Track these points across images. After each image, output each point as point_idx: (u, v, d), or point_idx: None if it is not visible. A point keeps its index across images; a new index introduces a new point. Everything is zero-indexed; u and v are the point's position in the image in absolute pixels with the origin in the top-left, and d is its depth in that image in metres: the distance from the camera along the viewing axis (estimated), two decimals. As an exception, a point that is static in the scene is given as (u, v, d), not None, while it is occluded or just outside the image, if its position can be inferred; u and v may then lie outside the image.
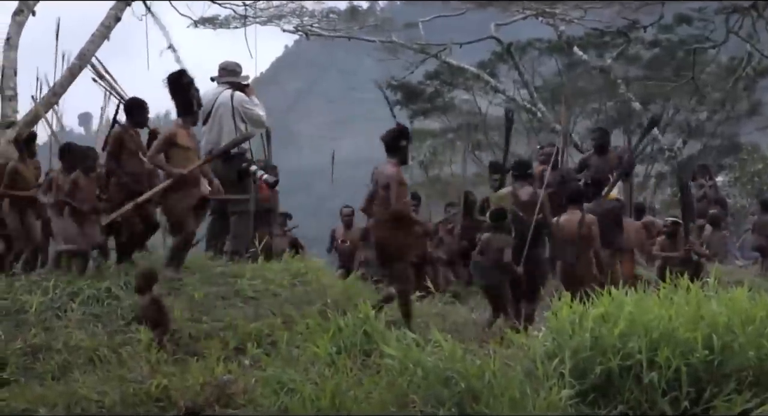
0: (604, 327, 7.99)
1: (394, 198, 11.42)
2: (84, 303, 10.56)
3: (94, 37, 19.55)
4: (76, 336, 9.72)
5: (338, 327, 9.21)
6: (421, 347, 8.18)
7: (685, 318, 8.01)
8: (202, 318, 10.34)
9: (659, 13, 32.93)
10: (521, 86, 36.76)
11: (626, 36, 34.68)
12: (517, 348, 8.65)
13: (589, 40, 36.18)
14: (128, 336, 9.82)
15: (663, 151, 33.84)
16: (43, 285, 10.82)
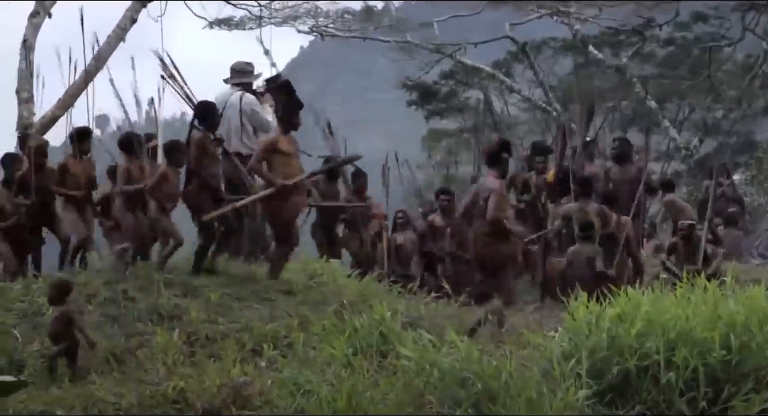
0: (621, 327, 7.97)
1: (494, 209, 11.69)
2: (101, 306, 10.57)
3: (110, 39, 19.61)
4: (93, 337, 9.73)
5: (354, 328, 9.20)
6: (438, 348, 8.17)
7: (703, 317, 7.99)
8: (218, 320, 10.34)
9: (675, 11, 32.91)
10: (536, 85, 36.71)
11: (641, 34, 34.65)
12: (533, 348, 8.63)
13: (604, 39, 36.13)
14: (145, 338, 9.83)
15: (679, 149, 33.76)
16: (60, 288, 10.84)
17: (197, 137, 12.43)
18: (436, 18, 37.00)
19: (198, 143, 12.40)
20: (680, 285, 8.84)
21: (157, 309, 10.46)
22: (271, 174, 11.99)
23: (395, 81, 38.59)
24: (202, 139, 12.42)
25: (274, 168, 12.01)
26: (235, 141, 13.95)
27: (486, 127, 33.24)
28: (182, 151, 12.47)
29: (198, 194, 12.25)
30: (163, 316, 10.36)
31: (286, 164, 12.07)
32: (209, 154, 12.50)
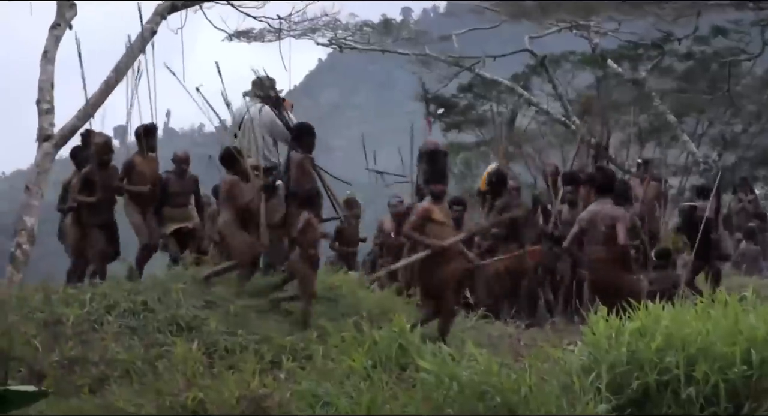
0: (641, 342, 7.96)
1: (626, 236, 11.79)
2: (120, 316, 10.60)
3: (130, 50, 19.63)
4: (113, 348, 9.76)
5: (373, 341, 9.21)
6: (457, 361, 8.17)
7: (723, 332, 7.97)
8: (237, 332, 10.36)
9: (694, 25, 32.84)
10: (555, 99, 36.68)
11: (660, 48, 34.59)
12: (553, 362, 8.62)
13: (623, 53, 36.07)
14: (164, 349, 9.85)
15: (698, 163, 33.67)
16: (80, 298, 10.87)
17: (297, 158, 12.41)
18: (455, 31, 37.03)
19: (298, 164, 12.39)
20: (700, 300, 8.82)
21: (177, 320, 10.49)
22: (427, 238, 11.85)
23: (413, 93, 38.63)
24: (302, 161, 12.42)
25: (428, 236, 11.87)
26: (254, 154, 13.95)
27: (505, 140, 33.25)
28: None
29: (296, 214, 12.25)
30: (183, 327, 10.39)
31: (440, 232, 11.77)
32: (308, 176, 12.50)
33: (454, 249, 11.67)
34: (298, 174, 12.18)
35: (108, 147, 14.57)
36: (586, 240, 12.97)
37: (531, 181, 29.36)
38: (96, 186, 14.19)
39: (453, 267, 11.56)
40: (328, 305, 11.72)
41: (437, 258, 11.43)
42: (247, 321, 10.74)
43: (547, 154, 21.38)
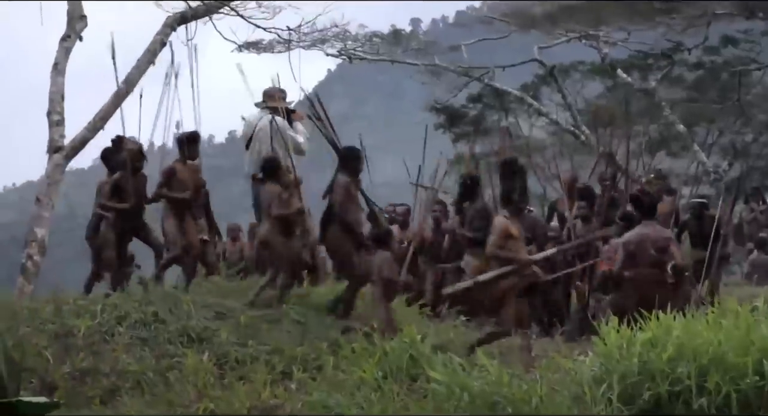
0: (653, 352, 7.94)
1: (681, 258, 11.92)
2: (131, 327, 10.62)
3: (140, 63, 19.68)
4: (124, 360, 9.77)
5: (384, 352, 9.20)
6: (468, 371, 8.16)
7: (735, 343, 7.94)
8: (248, 342, 10.37)
9: (704, 35, 32.84)
10: (564, 109, 36.68)
11: (670, 58, 34.58)
12: (564, 373, 8.60)
13: (632, 63, 36.06)
14: (175, 360, 9.86)
15: (708, 172, 33.62)
16: (91, 309, 10.89)
17: (343, 182, 12.44)
18: (465, 41, 37.06)
19: (345, 187, 12.42)
20: (712, 310, 8.80)
21: (188, 331, 10.50)
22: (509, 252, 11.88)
23: (423, 104, 38.65)
24: (348, 184, 12.44)
25: (505, 250, 11.88)
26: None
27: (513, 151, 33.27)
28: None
29: (340, 238, 12.30)
30: (194, 338, 10.40)
31: (515, 247, 11.88)
32: (353, 200, 12.52)
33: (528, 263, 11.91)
34: (344, 198, 12.21)
35: (140, 153, 14.55)
36: (632, 262, 12.94)
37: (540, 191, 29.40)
38: (126, 192, 14.14)
39: (521, 279, 11.77)
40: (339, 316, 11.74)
41: (512, 273, 11.60)
42: (257, 332, 10.75)
43: (557, 163, 21.32)
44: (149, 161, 14.82)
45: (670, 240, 12.66)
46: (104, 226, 14.53)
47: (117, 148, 14.71)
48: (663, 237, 12.55)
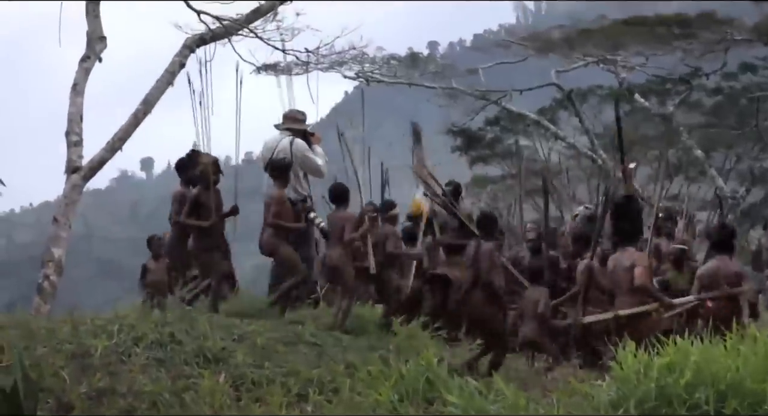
0: (670, 377, 7.90)
1: (753, 294, 12.67)
2: (148, 348, 10.59)
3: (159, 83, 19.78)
4: (140, 380, 9.76)
5: (400, 374, 9.17)
6: (484, 395, 8.13)
7: (754, 369, 7.90)
8: (264, 364, 10.34)
9: (722, 60, 32.87)
10: (581, 133, 36.72)
11: (688, 83, 34.62)
12: (581, 397, 8.57)
13: (650, 87, 36.14)
14: (191, 381, 9.84)
15: (726, 198, 33.59)
16: (108, 330, 10.89)
17: (487, 247, 12.49)
18: (482, 64, 37.18)
19: (489, 253, 12.52)
20: (730, 336, 8.77)
21: (204, 352, 10.48)
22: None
23: (440, 127, 38.75)
24: (492, 249, 12.47)
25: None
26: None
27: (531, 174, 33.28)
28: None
29: (486, 304, 12.43)
30: (210, 359, 10.37)
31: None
32: (498, 265, 12.67)
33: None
34: (490, 263, 12.33)
35: (217, 167, 14.12)
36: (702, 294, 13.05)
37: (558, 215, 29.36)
38: (206, 208, 13.46)
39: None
40: (355, 337, 11.73)
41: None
42: (274, 354, 10.73)
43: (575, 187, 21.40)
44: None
45: (743, 276, 12.72)
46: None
47: (192, 162, 14.12)
48: (736, 272, 12.64)
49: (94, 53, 19.36)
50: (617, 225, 12.72)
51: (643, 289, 12.13)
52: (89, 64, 19.30)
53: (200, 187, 13.50)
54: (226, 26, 20.53)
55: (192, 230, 13.53)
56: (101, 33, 19.49)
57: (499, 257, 12.78)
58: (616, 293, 12.42)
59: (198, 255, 13.51)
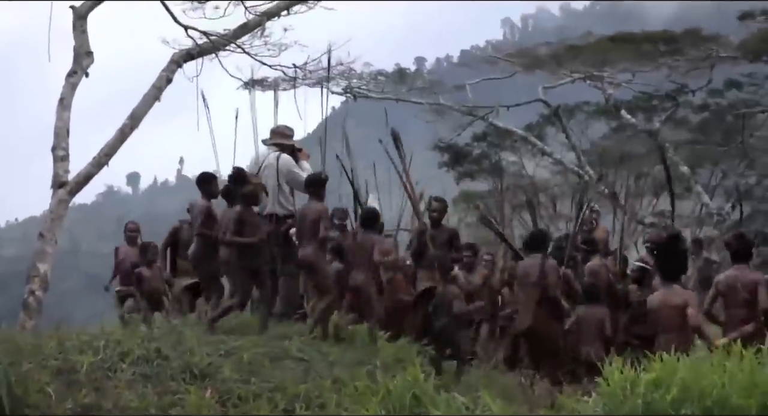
0: (657, 393, 7.91)
1: (766, 301, 12.48)
2: (134, 364, 10.58)
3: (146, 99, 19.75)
4: (126, 396, 9.74)
5: (387, 390, 9.17)
6: (471, 410, 8.14)
7: (739, 385, 7.92)
8: (251, 380, 10.33)
9: (708, 77, 32.99)
10: (568, 149, 36.78)
11: (675, 100, 34.71)
12: (567, 413, 8.58)
13: (637, 104, 36.22)
14: (177, 396, 9.82)
15: (711, 215, 33.66)
16: (94, 345, 10.87)
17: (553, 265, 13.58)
18: (469, 80, 37.24)
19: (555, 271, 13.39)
20: (716, 352, 8.79)
21: (190, 367, 10.47)
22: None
23: (427, 142, 38.79)
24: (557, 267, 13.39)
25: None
26: (272, 201, 14.06)
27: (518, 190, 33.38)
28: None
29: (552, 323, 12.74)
30: (196, 375, 10.36)
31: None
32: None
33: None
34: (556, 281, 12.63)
35: (264, 188, 14.13)
36: (722, 303, 13.14)
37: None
38: (250, 227, 13.46)
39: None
40: (342, 353, 11.73)
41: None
42: (260, 369, 10.72)
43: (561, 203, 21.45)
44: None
45: (759, 283, 12.78)
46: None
47: (238, 181, 13.95)
48: (753, 280, 12.71)
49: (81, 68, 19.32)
50: (663, 264, 12.94)
51: (697, 330, 12.35)
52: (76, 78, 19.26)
53: (244, 206, 13.47)
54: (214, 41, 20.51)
55: (238, 248, 13.43)
56: (88, 48, 19.45)
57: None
58: (660, 330, 12.61)
59: (240, 272, 13.42)
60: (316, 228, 13.00)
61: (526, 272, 13.96)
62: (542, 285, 13.41)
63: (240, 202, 13.45)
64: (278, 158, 14.27)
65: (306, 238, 13.23)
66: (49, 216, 18.00)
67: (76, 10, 19.51)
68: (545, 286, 13.44)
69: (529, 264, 14.05)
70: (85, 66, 19.42)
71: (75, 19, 19.53)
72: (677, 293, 12.69)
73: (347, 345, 12.27)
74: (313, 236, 13.03)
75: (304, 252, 13.16)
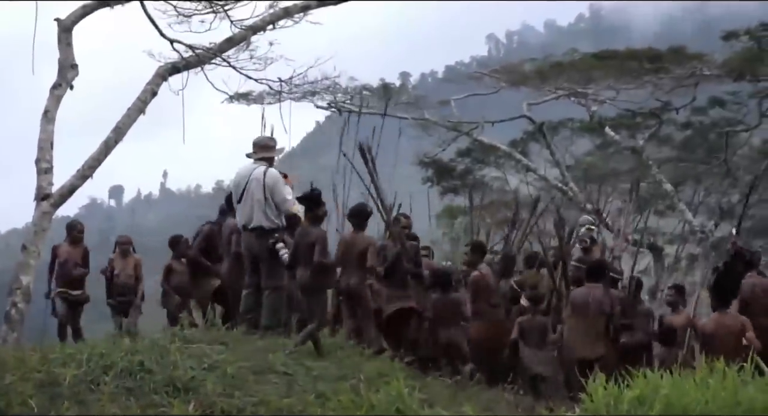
0: (640, 410, 7.94)
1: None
2: (117, 377, 10.54)
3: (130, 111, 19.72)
4: (109, 409, 9.71)
5: (371, 404, 9.17)
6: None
7: (722, 402, 7.96)
8: (234, 393, 10.31)
9: (692, 95, 33.11)
10: (552, 165, 36.85)
11: (658, 117, 34.82)
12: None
13: (621, 121, 36.33)
14: (161, 410, 9.80)
15: (694, 232, 33.77)
16: (78, 358, 10.84)
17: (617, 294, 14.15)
18: (454, 96, 37.28)
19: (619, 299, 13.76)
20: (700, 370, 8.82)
21: (174, 381, 10.44)
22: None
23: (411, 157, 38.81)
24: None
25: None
26: (258, 214, 14.06)
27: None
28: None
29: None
30: (180, 389, 10.33)
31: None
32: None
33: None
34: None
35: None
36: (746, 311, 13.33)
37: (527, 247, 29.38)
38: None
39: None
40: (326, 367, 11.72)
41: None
42: (244, 383, 10.70)
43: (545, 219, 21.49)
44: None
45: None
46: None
47: (314, 202, 14.08)
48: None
49: (66, 81, 19.27)
50: (720, 290, 13.17)
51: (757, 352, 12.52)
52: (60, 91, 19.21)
53: (318, 227, 13.75)
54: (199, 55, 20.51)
55: (319, 269, 13.51)
56: (73, 60, 19.41)
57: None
58: (713, 353, 12.56)
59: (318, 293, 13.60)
60: (363, 259, 13.75)
61: (585, 301, 14.08)
62: (610, 314, 13.71)
63: (314, 223, 13.74)
64: (265, 172, 14.26)
65: (353, 267, 13.94)
66: (32, 229, 17.94)
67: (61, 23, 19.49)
68: (611, 315, 13.72)
69: (587, 293, 14.16)
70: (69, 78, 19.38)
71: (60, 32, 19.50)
72: (732, 317, 12.99)
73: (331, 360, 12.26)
74: (359, 266, 13.82)
75: (350, 281, 13.93)
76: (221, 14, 20.69)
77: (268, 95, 30.77)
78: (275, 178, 14.25)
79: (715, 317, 13.23)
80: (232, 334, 12.73)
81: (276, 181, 14.22)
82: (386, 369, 11.77)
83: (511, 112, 36.85)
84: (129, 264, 18.69)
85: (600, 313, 13.88)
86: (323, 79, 29.70)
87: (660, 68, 31.41)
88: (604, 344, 13.72)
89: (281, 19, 21.40)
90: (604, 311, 13.85)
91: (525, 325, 14.38)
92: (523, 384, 14.12)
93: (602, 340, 13.75)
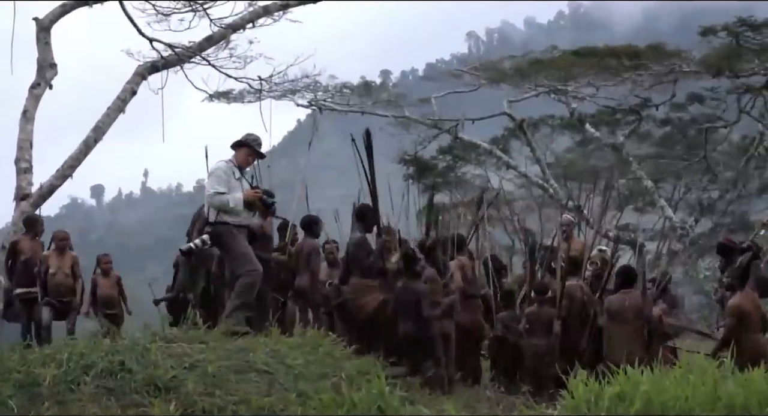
0: (621, 406, 7.95)
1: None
2: (98, 377, 10.51)
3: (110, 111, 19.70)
4: (90, 409, 9.68)
5: (352, 403, 9.18)
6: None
7: (702, 398, 7.98)
8: (215, 393, 10.29)
9: (671, 91, 33.20)
10: (533, 162, 36.92)
11: (638, 114, 34.91)
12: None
13: (601, 118, 36.43)
14: (141, 410, 9.78)
15: (674, 228, 33.89)
16: (57, 358, 10.80)
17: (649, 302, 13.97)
18: (434, 94, 37.29)
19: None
20: (679, 366, 8.85)
21: (154, 380, 10.41)
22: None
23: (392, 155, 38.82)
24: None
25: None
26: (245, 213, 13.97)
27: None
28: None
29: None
30: (160, 388, 10.31)
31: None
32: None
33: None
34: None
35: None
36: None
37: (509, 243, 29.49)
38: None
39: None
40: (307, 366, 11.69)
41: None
42: (225, 382, 10.67)
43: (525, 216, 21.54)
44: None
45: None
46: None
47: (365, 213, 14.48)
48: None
49: (45, 80, 19.27)
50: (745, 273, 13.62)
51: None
52: (39, 90, 19.20)
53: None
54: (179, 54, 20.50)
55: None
56: (52, 60, 19.40)
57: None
58: (751, 331, 12.97)
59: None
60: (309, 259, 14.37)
61: (623, 307, 14.11)
62: (648, 319, 13.82)
63: (363, 231, 14.10)
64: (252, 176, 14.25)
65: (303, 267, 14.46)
66: (11, 229, 17.93)
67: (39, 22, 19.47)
68: (649, 320, 13.82)
69: (624, 299, 14.18)
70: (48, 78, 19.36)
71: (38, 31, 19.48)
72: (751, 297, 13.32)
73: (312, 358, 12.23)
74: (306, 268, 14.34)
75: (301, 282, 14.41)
76: (200, 13, 20.71)
77: (248, 94, 30.76)
78: (212, 170, 13.68)
79: (753, 296, 13.44)
80: (213, 334, 12.69)
81: (210, 173, 13.66)
82: (368, 367, 11.77)
83: (492, 110, 36.87)
84: (66, 262, 17.34)
85: (637, 318, 13.94)
86: (303, 78, 29.80)
87: (639, 65, 31.46)
88: (644, 349, 13.73)
89: (261, 17, 21.44)
90: (643, 316, 13.92)
91: (531, 317, 14.43)
92: (505, 379, 14.16)
93: (643, 346, 13.77)
